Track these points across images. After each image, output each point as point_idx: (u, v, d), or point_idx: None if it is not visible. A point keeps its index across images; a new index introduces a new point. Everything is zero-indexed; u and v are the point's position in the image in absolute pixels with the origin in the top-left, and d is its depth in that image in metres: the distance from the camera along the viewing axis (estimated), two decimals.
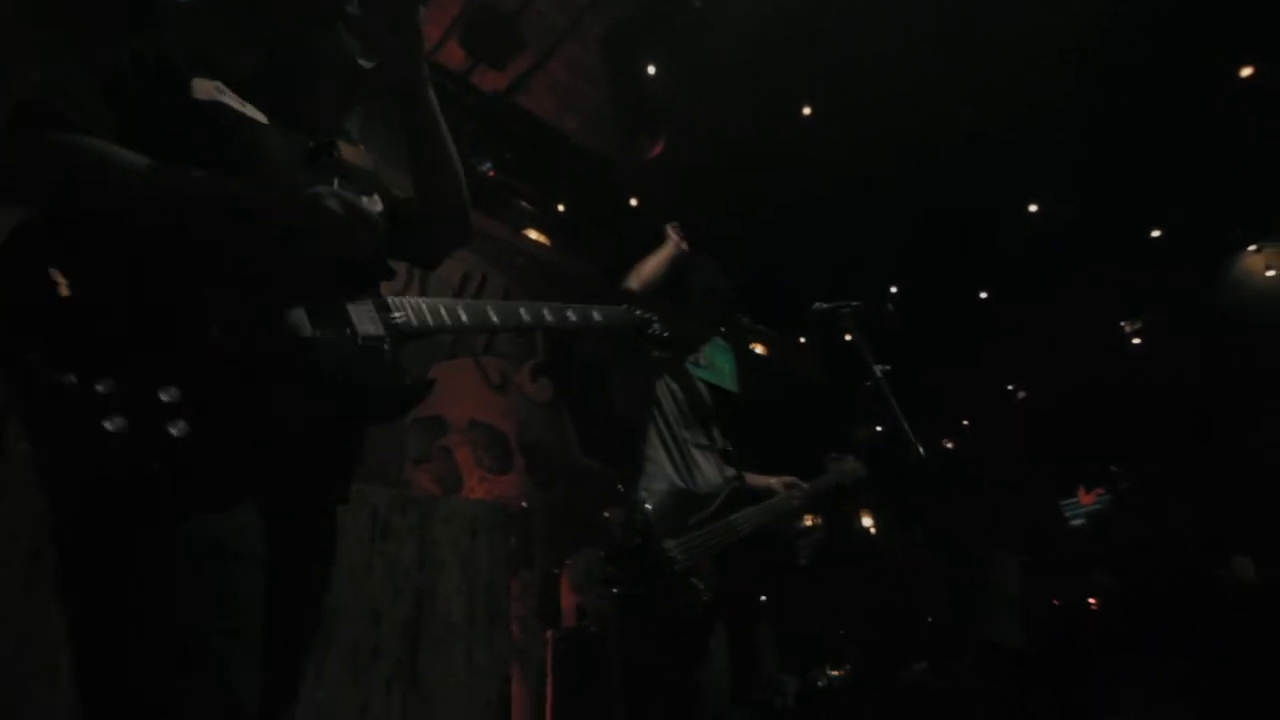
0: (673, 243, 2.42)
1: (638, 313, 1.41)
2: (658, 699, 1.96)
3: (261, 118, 1.08)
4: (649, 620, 1.95)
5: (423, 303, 1.15)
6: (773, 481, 2.42)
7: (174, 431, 0.85)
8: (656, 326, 1.40)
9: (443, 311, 1.15)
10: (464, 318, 1.16)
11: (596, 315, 1.26)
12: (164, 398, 0.85)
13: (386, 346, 1.08)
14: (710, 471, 2.23)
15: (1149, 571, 3.29)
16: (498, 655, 2.74)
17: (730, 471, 2.29)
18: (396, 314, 1.11)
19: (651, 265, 2.32)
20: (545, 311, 1.20)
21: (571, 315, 1.23)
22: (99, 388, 0.82)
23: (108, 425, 0.81)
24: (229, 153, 1.00)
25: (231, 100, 1.04)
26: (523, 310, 1.19)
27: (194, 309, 0.90)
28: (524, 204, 4.49)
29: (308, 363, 0.98)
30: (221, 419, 0.89)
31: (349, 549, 2.40)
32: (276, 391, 0.95)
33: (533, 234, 4.52)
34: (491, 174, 4.34)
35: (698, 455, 2.24)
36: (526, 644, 3.76)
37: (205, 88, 1.02)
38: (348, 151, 1.19)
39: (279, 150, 1.07)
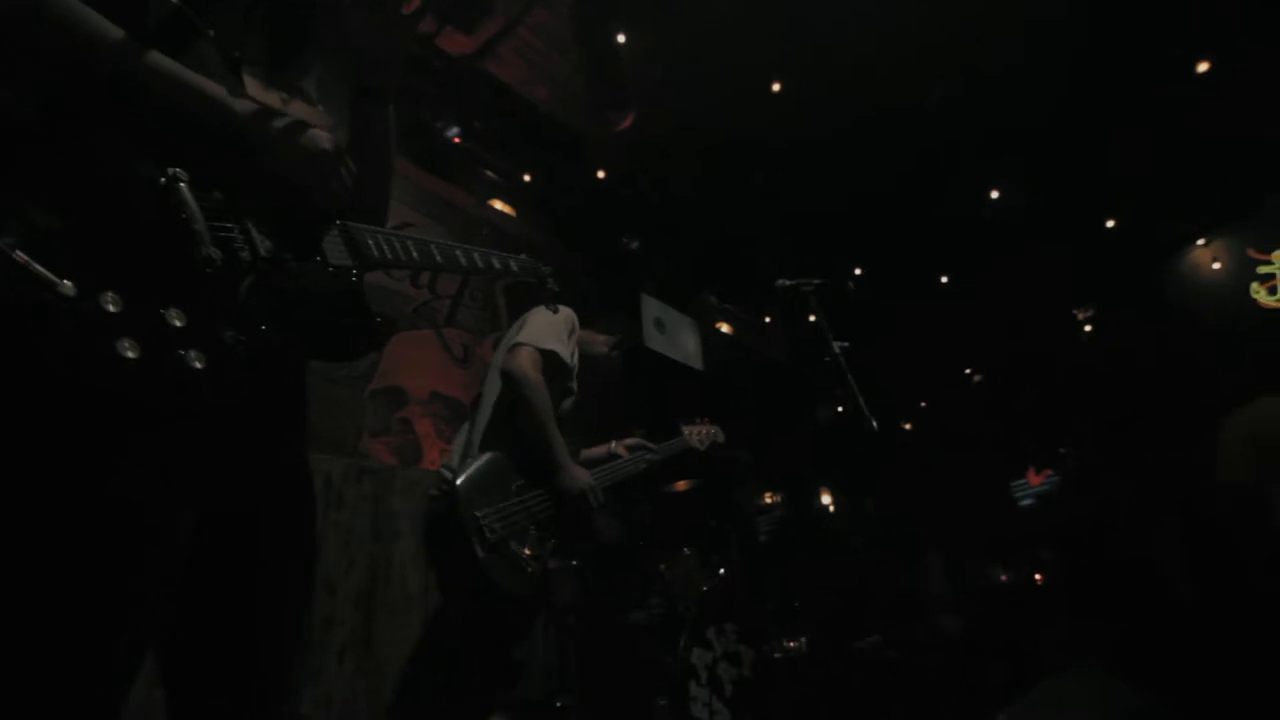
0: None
1: (541, 266, 1.50)
2: (476, 672, 1.90)
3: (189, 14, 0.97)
4: (473, 595, 1.87)
5: (379, 233, 1.14)
6: (613, 445, 2.45)
7: (196, 364, 0.74)
8: (550, 281, 1.50)
9: (396, 245, 1.16)
10: (414, 254, 1.19)
11: (513, 264, 1.41)
12: (175, 322, 0.74)
13: (354, 276, 1.04)
14: None
15: (1086, 547, 3.45)
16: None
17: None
18: (359, 241, 1.07)
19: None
20: (476, 256, 1.33)
21: (495, 262, 1.36)
22: (108, 305, 0.69)
23: (125, 351, 0.69)
24: (162, 45, 0.89)
25: None
26: (459, 253, 1.28)
27: (176, 220, 0.79)
28: (489, 173, 4.40)
29: (285, 290, 0.90)
30: (224, 350, 0.78)
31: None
32: (258, 320, 0.85)
33: (498, 204, 4.44)
34: (457, 140, 4.23)
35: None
36: None
37: None
38: (305, 111, 1.13)
39: (209, 55, 0.97)
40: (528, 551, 1.88)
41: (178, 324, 0.74)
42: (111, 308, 0.70)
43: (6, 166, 0.72)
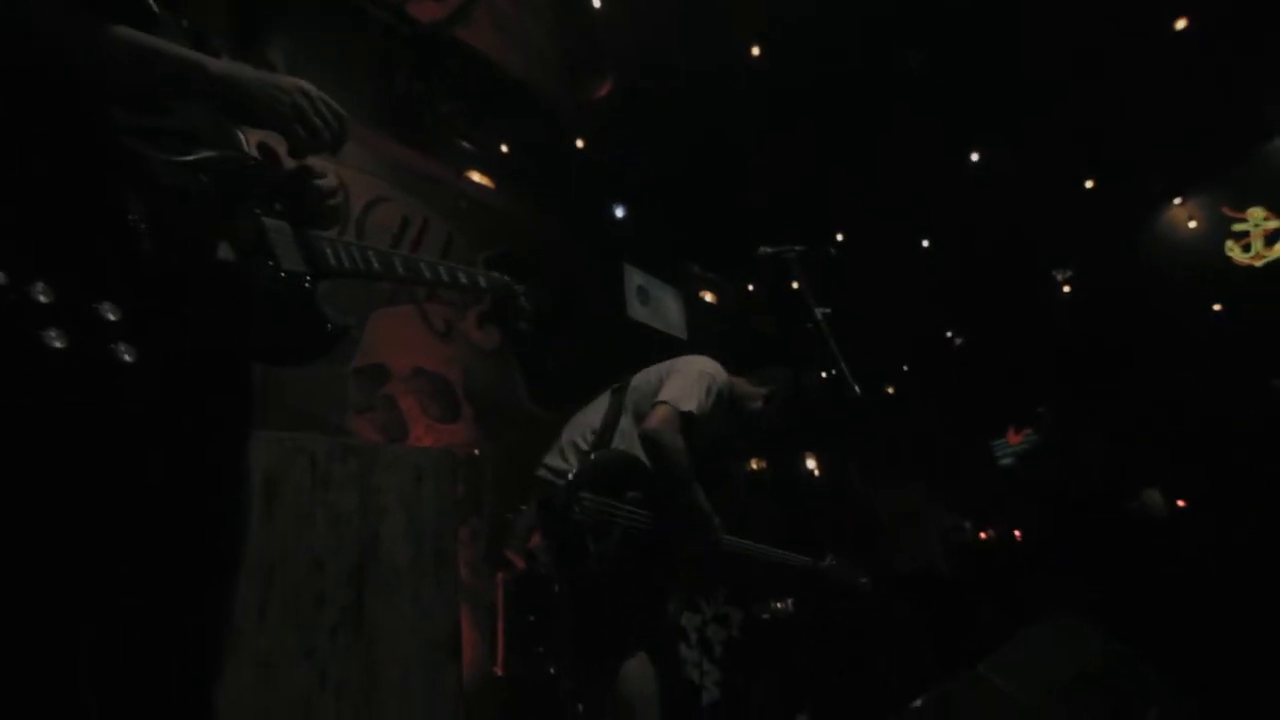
0: None
1: (513, 283, 1.44)
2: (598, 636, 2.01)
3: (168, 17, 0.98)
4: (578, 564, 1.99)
5: (337, 242, 1.13)
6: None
7: (126, 356, 0.75)
8: (523, 299, 1.43)
9: (356, 254, 1.15)
10: (375, 265, 1.18)
11: (481, 280, 1.37)
12: (109, 315, 0.75)
13: (307, 283, 1.04)
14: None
15: (1062, 502, 3.56)
16: (446, 598, 2.75)
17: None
18: (315, 247, 1.07)
19: None
20: (441, 270, 1.30)
21: (462, 278, 1.33)
22: (38, 295, 0.70)
23: (51, 341, 0.70)
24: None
25: None
26: (423, 265, 1.26)
27: (120, 217, 0.80)
28: (465, 144, 4.32)
29: (232, 291, 0.92)
30: (158, 346, 0.80)
31: (287, 499, 2.35)
32: (198, 320, 0.87)
33: (475, 176, 4.37)
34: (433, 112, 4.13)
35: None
36: (477, 587, 3.80)
37: None
38: None
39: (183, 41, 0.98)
40: (595, 548, 1.96)
41: (111, 318, 0.75)
42: (43, 298, 0.71)
43: None
